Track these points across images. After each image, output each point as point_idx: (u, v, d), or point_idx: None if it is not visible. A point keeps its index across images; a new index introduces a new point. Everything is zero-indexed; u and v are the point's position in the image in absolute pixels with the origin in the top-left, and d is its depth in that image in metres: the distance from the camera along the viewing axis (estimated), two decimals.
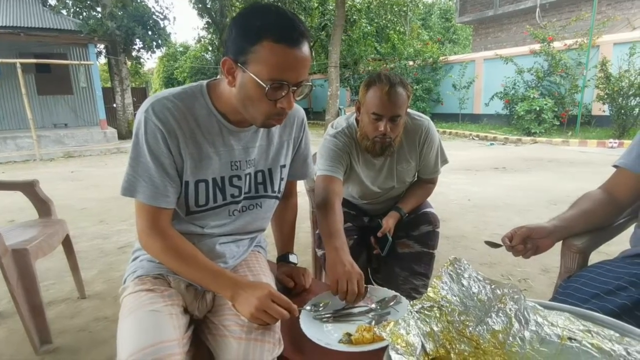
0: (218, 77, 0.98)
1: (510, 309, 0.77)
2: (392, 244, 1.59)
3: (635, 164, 1.09)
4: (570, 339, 0.70)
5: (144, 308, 0.88)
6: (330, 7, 15.84)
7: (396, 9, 16.07)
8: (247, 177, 1.04)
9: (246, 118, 0.94)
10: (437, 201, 1.72)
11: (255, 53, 0.81)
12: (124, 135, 12.11)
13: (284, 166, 1.11)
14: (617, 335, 0.67)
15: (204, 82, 0.97)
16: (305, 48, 0.84)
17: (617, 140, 7.76)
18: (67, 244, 2.09)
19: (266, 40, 0.80)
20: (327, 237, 1.20)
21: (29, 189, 2.06)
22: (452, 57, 13.48)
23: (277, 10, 0.83)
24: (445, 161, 1.67)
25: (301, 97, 0.91)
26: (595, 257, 1.11)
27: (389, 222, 1.56)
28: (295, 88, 0.86)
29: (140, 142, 0.90)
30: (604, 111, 8.65)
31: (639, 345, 0.65)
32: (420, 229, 1.62)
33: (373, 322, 0.98)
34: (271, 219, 1.25)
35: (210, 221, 1.01)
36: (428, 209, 1.66)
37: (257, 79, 0.82)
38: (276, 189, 1.10)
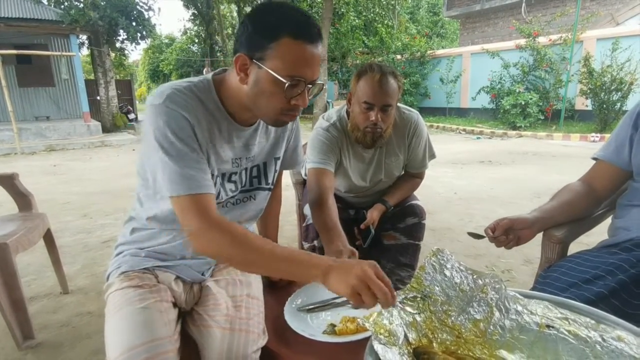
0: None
1: (491, 299, 0.78)
2: (376, 236, 1.60)
3: (613, 156, 1.11)
4: (548, 326, 0.71)
5: (132, 305, 0.86)
6: (319, 0, 15.74)
7: (384, 3, 16.02)
8: (244, 172, 1.02)
9: (255, 115, 0.92)
10: (424, 194, 1.73)
11: (273, 49, 0.80)
12: (108, 129, 11.89)
13: (278, 158, 1.11)
14: (593, 322, 0.68)
15: (209, 76, 0.93)
16: (320, 46, 0.85)
17: (598, 135, 7.92)
18: (48, 238, 2.05)
19: (285, 37, 0.80)
20: (323, 231, 1.21)
21: (8, 182, 2.01)
22: (439, 51, 13.55)
23: (294, 8, 0.84)
24: (432, 156, 1.68)
25: (312, 96, 0.90)
26: (574, 248, 1.14)
27: (373, 215, 1.57)
28: (310, 86, 0.86)
29: (168, 136, 0.82)
30: (586, 106, 8.80)
31: (614, 332, 0.66)
32: (406, 221, 1.64)
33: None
34: None
35: None
36: (414, 202, 1.68)
37: (275, 75, 0.81)
38: (270, 181, 1.10)
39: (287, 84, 0.81)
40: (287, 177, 1.48)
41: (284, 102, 0.85)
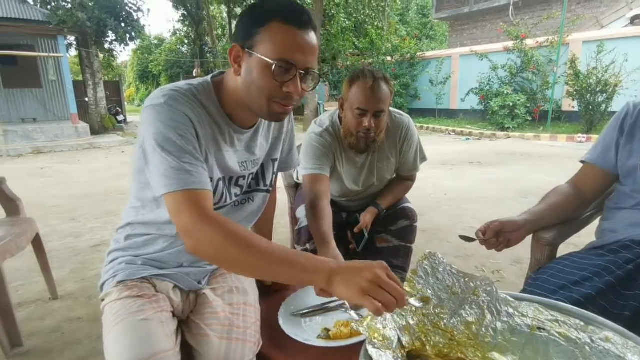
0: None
1: (483, 301, 0.80)
2: (368, 240, 1.61)
3: (599, 159, 1.14)
4: (539, 328, 0.73)
5: (133, 317, 0.84)
6: (309, 1, 15.74)
7: (374, 4, 16.12)
8: (250, 175, 1.02)
9: (251, 112, 0.91)
10: (414, 195, 1.75)
11: (262, 34, 0.81)
12: (96, 130, 11.74)
13: (275, 160, 1.11)
14: (582, 324, 0.70)
15: (208, 79, 0.93)
16: (313, 35, 0.84)
17: (585, 135, 8.06)
18: (37, 243, 2.01)
19: (275, 21, 0.80)
20: (319, 242, 1.21)
21: None
22: (429, 53, 13.66)
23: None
24: (423, 159, 1.69)
25: (311, 89, 0.89)
26: (563, 249, 1.16)
27: (366, 218, 1.57)
28: (303, 73, 0.84)
29: (167, 133, 0.80)
30: (573, 107, 8.97)
31: (602, 333, 0.68)
32: (398, 224, 1.65)
33: (352, 312, 0.99)
34: None
35: None
36: (406, 204, 1.69)
37: (264, 58, 0.80)
38: (268, 182, 1.10)
39: (274, 65, 0.80)
40: (279, 181, 1.48)
41: (274, 88, 0.83)
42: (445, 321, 0.79)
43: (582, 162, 1.20)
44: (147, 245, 0.96)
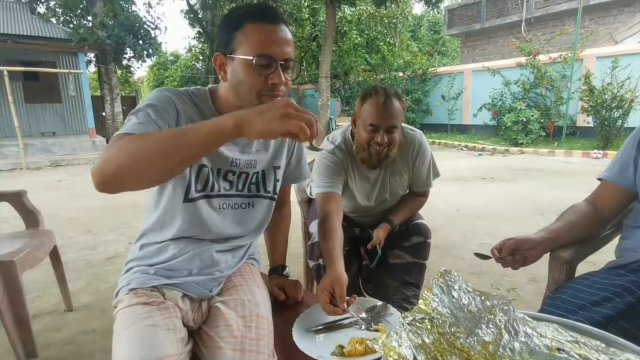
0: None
1: (500, 320, 0.78)
2: (381, 256, 1.60)
3: (617, 177, 1.12)
4: (558, 349, 0.71)
5: (140, 322, 0.86)
6: (321, 19, 16.05)
7: (386, 21, 16.36)
8: (243, 175, 1.05)
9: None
10: (427, 211, 1.74)
11: (239, 37, 0.88)
12: None
13: (278, 167, 1.13)
14: (603, 345, 0.68)
15: (206, 87, 1.02)
16: (285, 28, 0.91)
17: (601, 151, 7.94)
18: (54, 255, 2.05)
19: (247, 23, 0.88)
20: (326, 260, 1.21)
21: (17, 199, 2.03)
22: (440, 69, 13.72)
23: (254, 3, 0.91)
24: (437, 174, 1.69)
25: (294, 77, 0.95)
26: (582, 267, 1.14)
27: (379, 234, 1.57)
28: (283, 64, 0.90)
29: (145, 107, 0.87)
30: (588, 122, 8.86)
31: (623, 355, 0.66)
32: (411, 240, 1.64)
33: (363, 327, 0.99)
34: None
35: (205, 215, 1.01)
36: (419, 220, 1.68)
37: (244, 57, 0.87)
38: (270, 189, 1.12)
39: (254, 60, 0.86)
40: (292, 195, 1.49)
41: (260, 83, 0.89)
42: (461, 340, 0.78)
43: (599, 179, 1.19)
44: (159, 253, 1.00)
